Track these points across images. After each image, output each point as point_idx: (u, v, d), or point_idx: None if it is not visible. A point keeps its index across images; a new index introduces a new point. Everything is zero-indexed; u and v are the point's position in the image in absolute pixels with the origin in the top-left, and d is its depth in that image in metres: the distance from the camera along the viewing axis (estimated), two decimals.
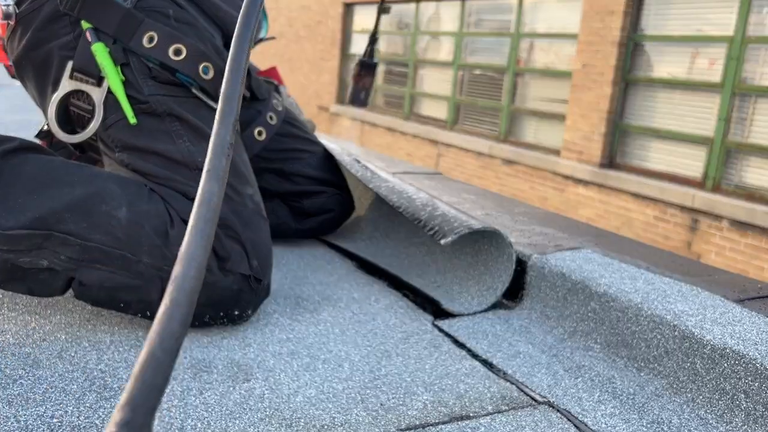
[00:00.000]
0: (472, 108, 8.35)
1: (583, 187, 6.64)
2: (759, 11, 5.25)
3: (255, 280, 1.01)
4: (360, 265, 1.38)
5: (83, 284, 0.96)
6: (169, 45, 1.06)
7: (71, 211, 0.94)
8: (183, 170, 1.03)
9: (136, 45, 1.05)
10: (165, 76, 1.07)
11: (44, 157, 0.99)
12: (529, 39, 7.45)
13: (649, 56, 6.15)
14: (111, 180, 0.99)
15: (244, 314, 1.02)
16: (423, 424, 0.80)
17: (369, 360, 0.96)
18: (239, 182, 1.07)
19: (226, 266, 0.99)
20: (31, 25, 1.09)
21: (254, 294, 1.02)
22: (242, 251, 1.01)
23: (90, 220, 0.94)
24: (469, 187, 1.97)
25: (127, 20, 1.05)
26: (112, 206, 0.95)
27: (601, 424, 0.84)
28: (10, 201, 0.92)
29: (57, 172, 0.97)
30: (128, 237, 0.94)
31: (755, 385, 0.82)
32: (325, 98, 11.34)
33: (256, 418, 0.78)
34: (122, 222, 0.95)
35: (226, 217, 1.01)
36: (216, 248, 0.98)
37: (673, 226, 5.80)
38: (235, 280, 0.99)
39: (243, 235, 1.02)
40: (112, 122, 1.06)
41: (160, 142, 1.04)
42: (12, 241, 0.92)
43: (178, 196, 1.01)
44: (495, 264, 1.21)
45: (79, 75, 1.06)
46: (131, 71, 1.06)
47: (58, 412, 0.76)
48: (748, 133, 5.38)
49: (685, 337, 0.91)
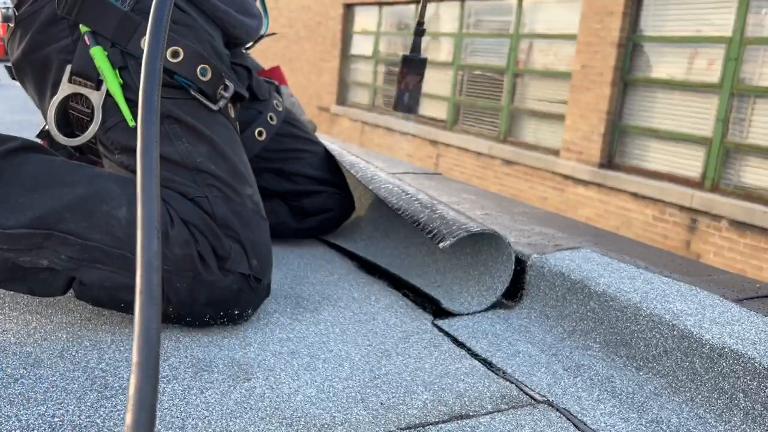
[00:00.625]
0: (472, 108, 8.35)
1: (582, 187, 6.65)
2: (757, 12, 5.26)
3: (255, 280, 1.02)
4: (360, 264, 1.39)
5: (84, 284, 0.96)
6: (166, 48, 1.06)
7: (71, 210, 0.94)
8: (181, 171, 1.04)
9: (134, 48, 1.06)
10: (163, 79, 1.07)
11: (45, 157, 1.00)
12: (529, 40, 7.45)
13: (648, 57, 6.15)
14: (111, 180, 1.00)
15: (245, 314, 1.02)
16: (423, 423, 0.81)
17: (369, 359, 0.96)
18: (238, 182, 1.07)
19: (225, 266, 0.99)
20: (30, 28, 1.09)
21: (254, 294, 1.02)
22: (242, 251, 1.01)
23: (90, 219, 0.94)
24: (469, 187, 1.97)
25: (125, 23, 1.05)
26: (112, 206, 0.96)
27: (600, 423, 0.84)
28: (11, 200, 0.93)
29: (58, 172, 0.97)
30: (128, 237, 0.95)
31: (754, 384, 0.83)
32: (325, 99, 11.34)
33: (256, 417, 0.79)
34: (122, 222, 0.95)
35: (226, 217, 1.01)
36: (215, 247, 0.99)
37: (672, 226, 5.81)
38: (234, 280, 0.99)
39: (242, 235, 1.02)
40: (111, 125, 1.06)
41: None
42: (12, 240, 0.92)
43: (177, 197, 1.02)
44: (495, 264, 1.21)
45: (78, 78, 1.06)
46: (129, 74, 1.06)
47: (60, 412, 0.76)
48: (746, 134, 5.39)
49: (683, 337, 0.92)
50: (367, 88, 10.40)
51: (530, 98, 7.48)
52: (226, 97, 1.12)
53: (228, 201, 1.03)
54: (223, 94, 1.11)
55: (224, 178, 1.05)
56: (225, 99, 1.12)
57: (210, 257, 0.98)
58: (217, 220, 1.01)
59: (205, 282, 0.97)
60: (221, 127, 1.11)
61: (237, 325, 1.03)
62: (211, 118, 1.10)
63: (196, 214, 1.00)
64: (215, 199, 1.02)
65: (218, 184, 1.04)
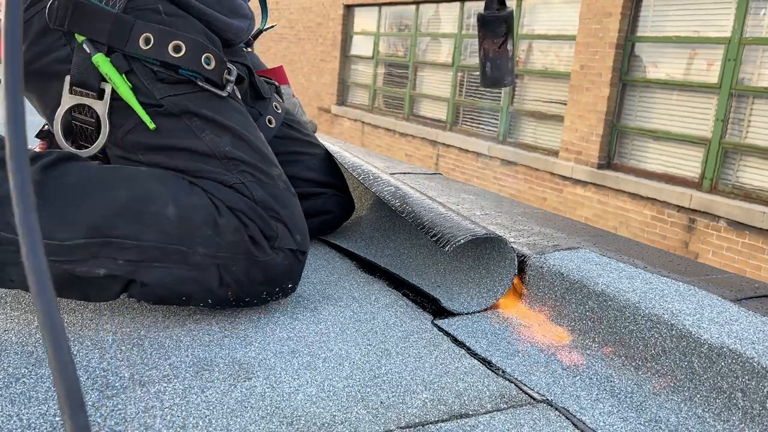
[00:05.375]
0: (472, 109, 8.36)
1: (581, 187, 6.65)
2: (756, 13, 5.27)
3: (301, 253, 1.07)
4: (360, 264, 1.39)
5: (145, 284, 0.98)
6: (167, 43, 1.06)
7: (121, 215, 0.96)
8: (212, 161, 1.06)
9: (133, 48, 1.05)
10: (170, 76, 1.07)
11: (82, 165, 1.01)
12: (528, 40, 7.46)
13: (646, 57, 6.16)
14: (151, 179, 1.01)
15: (295, 286, 1.09)
16: (422, 422, 0.81)
17: (369, 358, 0.96)
18: (266, 164, 1.11)
19: (275, 244, 1.04)
20: (25, 39, 1.08)
21: (301, 266, 1.08)
22: (285, 228, 1.06)
23: (141, 221, 0.97)
24: (469, 188, 1.98)
25: (118, 25, 1.05)
26: (159, 205, 0.98)
27: (599, 422, 0.85)
28: (59, 213, 0.94)
29: (97, 178, 0.99)
30: (180, 232, 0.97)
31: (752, 384, 0.83)
32: (325, 99, 11.35)
33: (257, 416, 0.79)
34: (172, 219, 0.97)
35: (264, 199, 1.05)
36: (263, 229, 1.03)
37: (670, 226, 5.82)
38: (285, 256, 1.05)
39: (282, 214, 1.06)
40: (129, 128, 1.07)
41: (183, 139, 1.06)
42: (69, 252, 0.94)
43: (217, 185, 1.04)
44: (497, 268, 1.21)
45: (78, 89, 1.06)
46: (137, 77, 1.06)
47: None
48: (745, 134, 5.40)
49: (682, 336, 0.92)
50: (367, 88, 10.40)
51: (530, 99, 7.48)
52: (231, 80, 1.13)
53: (262, 184, 1.07)
54: (229, 78, 1.13)
55: (253, 163, 1.08)
56: (231, 83, 1.13)
57: (261, 239, 1.02)
58: (257, 202, 1.05)
59: (259, 263, 1.02)
60: (236, 112, 1.13)
61: (237, 325, 1.04)
62: (224, 106, 1.11)
63: (240, 200, 1.03)
64: (251, 183, 1.06)
65: (249, 169, 1.07)
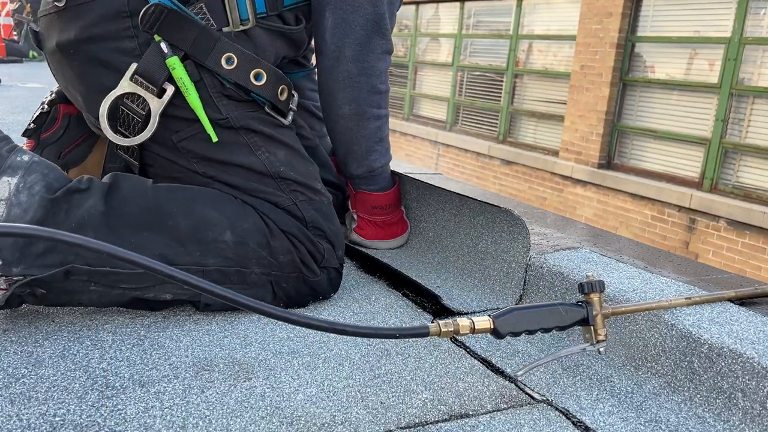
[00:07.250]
0: (472, 109, 8.36)
1: (581, 187, 6.66)
2: (756, 13, 5.27)
3: (341, 267, 1.17)
4: (360, 264, 1.39)
5: (209, 305, 1.05)
6: (249, 69, 1.09)
7: (184, 244, 1.02)
8: (268, 180, 1.11)
9: (214, 64, 1.06)
10: (238, 95, 1.10)
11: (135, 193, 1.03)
12: (528, 40, 7.46)
13: (646, 57, 6.16)
14: (207, 204, 1.06)
15: (335, 293, 1.18)
16: (422, 422, 0.81)
17: (369, 359, 0.96)
18: (313, 180, 1.16)
19: (321, 264, 1.12)
20: (84, 17, 1.05)
21: (341, 277, 1.18)
22: (331, 247, 1.14)
23: (202, 248, 1.03)
24: (469, 187, 1.97)
25: (203, 38, 1.06)
26: (217, 232, 1.04)
27: (599, 422, 0.85)
28: (125, 244, 0.97)
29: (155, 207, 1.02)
30: (237, 255, 1.05)
31: (752, 384, 0.83)
32: None
33: (257, 416, 0.79)
34: (230, 244, 1.04)
35: (313, 219, 1.13)
36: (311, 252, 1.11)
37: (670, 226, 5.82)
38: (329, 274, 1.15)
39: (327, 230, 1.14)
40: (186, 136, 1.09)
41: (240, 155, 1.10)
42: (138, 280, 0.98)
43: (271, 207, 1.10)
44: (503, 289, 1.22)
45: (140, 80, 1.05)
46: (205, 88, 1.07)
47: (61, 411, 0.76)
48: (745, 134, 5.40)
49: (682, 336, 0.92)
50: None
51: (530, 99, 7.48)
52: (294, 110, 1.18)
53: (311, 202, 1.14)
54: (293, 108, 1.18)
55: (303, 182, 1.14)
56: (294, 112, 1.18)
57: (310, 261, 1.11)
58: (308, 224, 1.12)
59: (309, 282, 1.12)
60: (287, 129, 1.17)
61: (237, 325, 1.04)
62: (284, 129, 1.16)
63: (292, 224, 1.10)
64: (302, 203, 1.13)
65: (300, 189, 1.13)
